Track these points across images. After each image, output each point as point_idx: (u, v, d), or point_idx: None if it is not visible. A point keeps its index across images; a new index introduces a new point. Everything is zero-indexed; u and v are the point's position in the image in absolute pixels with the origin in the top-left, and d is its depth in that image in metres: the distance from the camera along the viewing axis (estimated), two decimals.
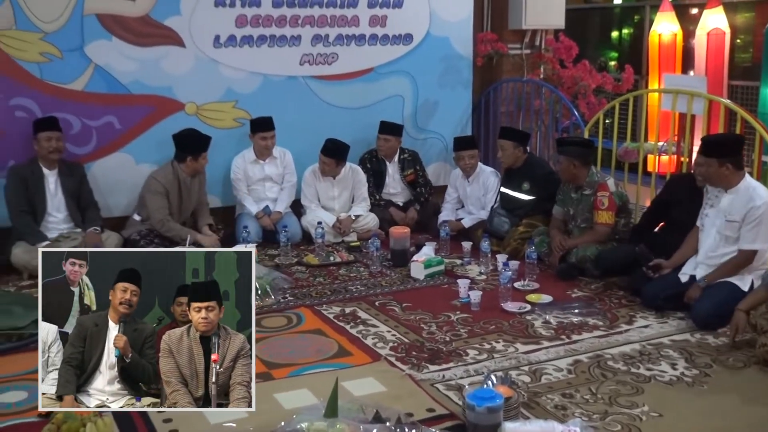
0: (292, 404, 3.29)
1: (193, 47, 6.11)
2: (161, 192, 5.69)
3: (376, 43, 6.80)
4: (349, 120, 6.72)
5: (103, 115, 5.93)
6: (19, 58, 5.59)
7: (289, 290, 4.92)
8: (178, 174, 5.77)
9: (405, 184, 6.74)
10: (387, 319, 4.45)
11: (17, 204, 5.37)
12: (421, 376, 3.64)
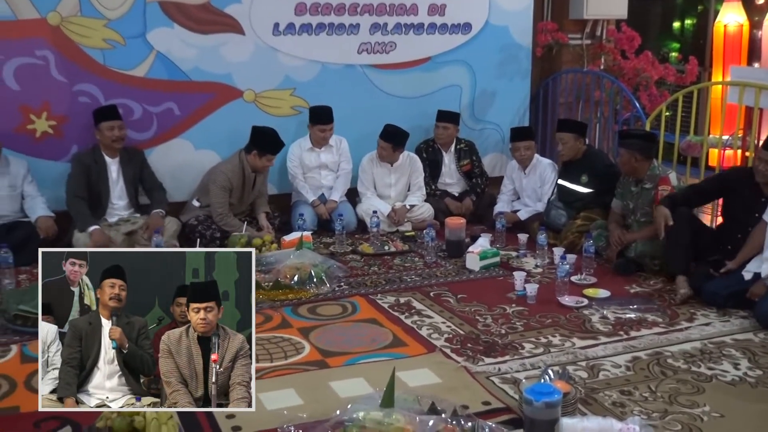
0: (347, 393, 3.29)
1: (252, 35, 6.14)
2: (226, 187, 5.75)
3: (434, 32, 6.76)
4: (406, 109, 6.70)
5: (164, 101, 6.00)
6: (83, 45, 5.68)
7: (344, 279, 4.93)
8: (243, 166, 5.82)
9: (461, 175, 6.71)
10: (442, 310, 4.43)
11: (74, 190, 5.48)
12: (476, 368, 3.61)
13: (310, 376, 3.52)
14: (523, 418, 2.91)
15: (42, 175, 5.64)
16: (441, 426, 2.73)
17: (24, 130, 5.65)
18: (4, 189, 5.38)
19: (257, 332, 3.97)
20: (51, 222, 5.42)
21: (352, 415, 2.75)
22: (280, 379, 3.48)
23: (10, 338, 3.97)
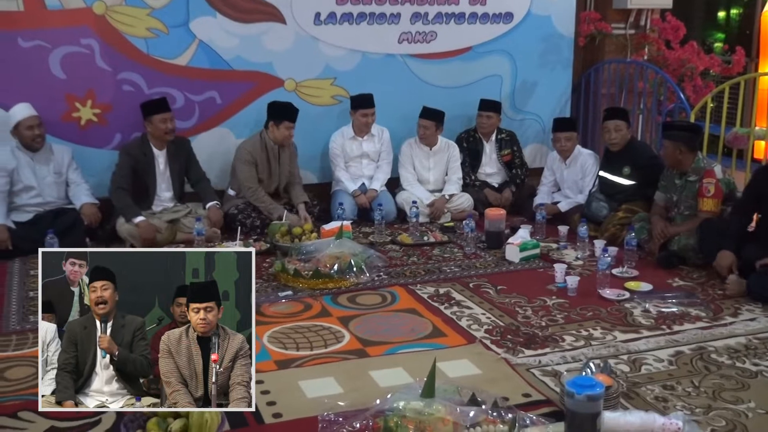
0: (387, 382, 3.30)
1: (293, 24, 6.16)
2: (249, 161, 5.81)
3: (475, 21, 6.72)
4: (446, 99, 6.66)
5: (206, 90, 6.05)
6: (127, 33, 5.74)
7: (383, 269, 4.93)
8: (265, 143, 5.87)
9: (501, 165, 6.67)
10: (481, 302, 4.42)
11: (119, 181, 5.53)
12: (516, 360, 3.60)
13: (350, 365, 3.53)
14: (565, 411, 2.88)
15: (86, 163, 5.72)
16: (481, 417, 2.72)
17: (69, 118, 5.73)
18: (50, 176, 5.46)
19: (297, 320, 4.07)
20: (95, 209, 5.50)
21: (393, 404, 2.76)
22: (320, 368, 3.50)
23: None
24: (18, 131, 5.32)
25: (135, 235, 5.36)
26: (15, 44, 5.48)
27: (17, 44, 5.48)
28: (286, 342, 3.79)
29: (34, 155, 5.40)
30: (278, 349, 3.71)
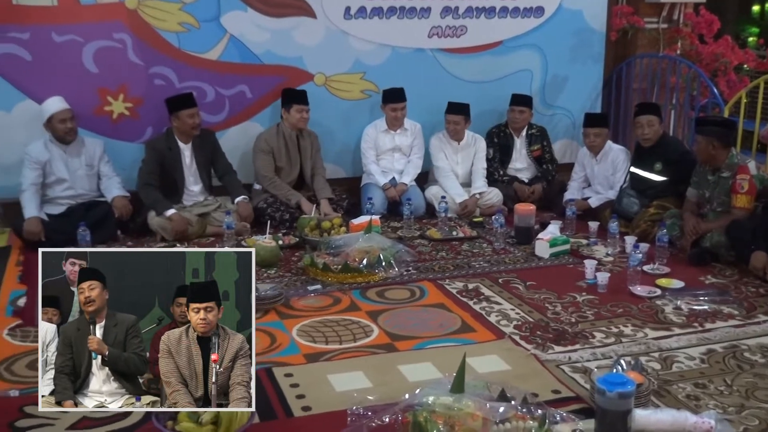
0: (415, 377, 3.29)
1: (324, 18, 6.17)
2: (266, 150, 5.89)
3: (506, 15, 6.69)
4: (476, 94, 6.65)
5: (236, 84, 6.08)
6: (159, 28, 5.79)
7: (412, 263, 4.92)
8: (283, 131, 5.93)
9: (531, 160, 6.64)
10: (510, 297, 4.40)
11: (146, 177, 5.59)
12: (546, 356, 3.58)
13: (379, 360, 3.53)
14: (595, 408, 2.87)
15: (118, 156, 5.78)
16: (511, 413, 2.71)
17: (102, 111, 5.79)
18: (82, 169, 5.52)
19: (326, 314, 4.07)
20: (126, 202, 5.55)
21: (422, 399, 2.75)
22: (349, 362, 3.50)
23: None
24: (51, 124, 5.39)
25: (166, 227, 5.40)
26: (49, 38, 5.55)
27: (51, 38, 5.55)
28: (315, 336, 3.80)
29: (66, 148, 5.46)
30: (307, 343, 3.72)
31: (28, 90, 5.59)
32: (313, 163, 6.12)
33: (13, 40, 5.49)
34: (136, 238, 5.55)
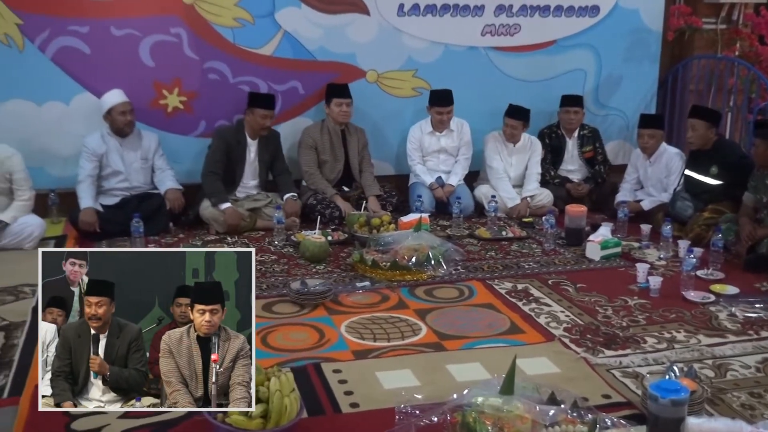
0: (463, 377, 3.28)
1: (377, 15, 6.18)
2: (310, 145, 5.95)
3: (560, 14, 6.62)
4: (529, 93, 6.60)
5: (289, 80, 6.12)
6: (214, 23, 5.85)
7: (460, 262, 4.91)
8: (327, 126, 5.96)
9: (583, 161, 6.57)
10: (560, 299, 4.35)
11: (212, 166, 5.65)
12: (596, 360, 3.53)
13: (427, 358, 3.52)
14: (647, 415, 2.82)
15: (172, 149, 5.86)
16: (561, 417, 2.68)
17: (157, 105, 5.88)
18: (137, 162, 5.61)
19: (374, 311, 4.08)
20: (179, 195, 5.62)
21: (471, 399, 2.74)
22: (397, 359, 3.50)
23: None
24: (110, 116, 5.48)
25: (219, 219, 5.47)
26: (108, 32, 5.65)
27: (110, 32, 5.65)
28: (363, 332, 3.81)
29: (123, 141, 5.55)
30: (355, 339, 3.73)
31: (86, 82, 5.70)
32: (361, 158, 6.14)
33: (73, 33, 5.59)
34: (188, 230, 5.62)
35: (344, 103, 5.94)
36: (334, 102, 5.93)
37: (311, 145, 5.97)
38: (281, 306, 4.15)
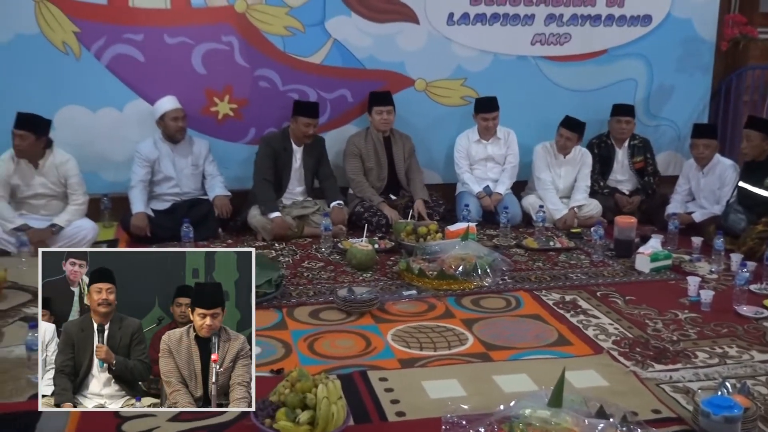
0: (510, 388, 3.26)
1: (426, 24, 6.19)
2: (354, 153, 6.01)
3: (612, 23, 6.56)
4: (578, 102, 6.56)
5: (338, 88, 6.17)
6: (265, 31, 5.92)
7: (507, 272, 4.88)
8: (371, 135, 6.01)
9: (633, 172, 6.49)
10: (609, 311, 4.30)
11: (264, 172, 5.70)
12: (646, 374, 3.48)
13: (474, 368, 3.51)
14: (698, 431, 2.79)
15: (221, 156, 5.94)
16: (610, 431, 2.65)
17: (207, 112, 5.96)
18: (188, 167, 5.69)
19: (421, 320, 4.07)
20: (226, 201, 5.69)
21: (518, 411, 2.72)
22: (444, 369, 3.49)
23: None
24: (163, 122, 5.58)
25: (267, 227, 5.51)
26: (161, 40, 5.75)
27: (163, 40, 5.76)
28: (410, 341, 3.81)
29: (174, 147, 5.64)
30: (402, 348, 3.73)
31: (139, 89, 5.81)
32: (407, 166, 6.15)
33: (128, 41, 5.71)
34: (236, 236, 5.68)
35: (385, 110, 5.96)
36: (374, 110, 5.96)
37: (356, 153, 6.01)
38: (328, 313, 4.17)
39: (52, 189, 5.25)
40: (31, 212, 5.26)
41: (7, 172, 5.14)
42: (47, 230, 5.11)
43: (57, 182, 5.24)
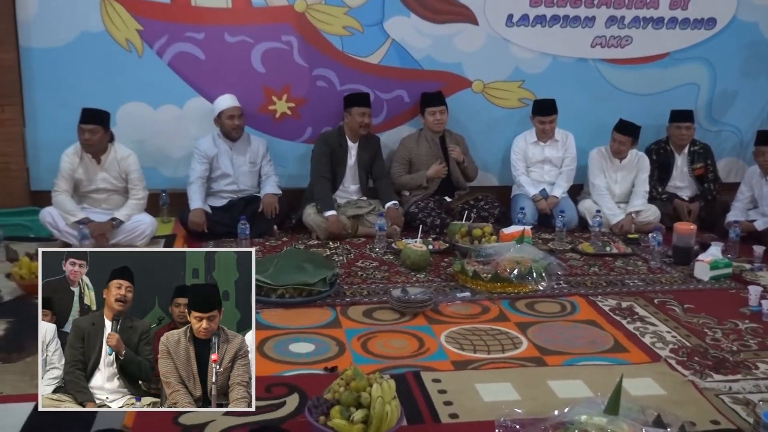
0: (565, 394, 3.22)
1: (485, 25, 6.17)
2: (405, 158, 6.06)
3: (674, 26, 6.45)
4: (637, 106, 6.47)
5: (395, 88, 6.18)
6: (324, 31, 5.96)
7: (563, 277, 4.83)
8: (425, 136, 6.03)
9: (692, 178, 6.37)
10: (666, 319, 4.23)
11: (322, 170, 5.74)
12: (704, 384, 3.41)
13: (528, 373, 3.48)
14: None
15: (277, 154, 6.01)
16: None
17: (265, 110, 6.03)
18: (245, 165, 5.76)
19: (474, 322, 4.06)
20: (274, 200, 5.72)
21: (574, 417, 2.69)
22: (497, 372, 3.47)
23: None
24: (220, 120, 5.65)
25: (322, 226, 5.55)
26: (222, 39, 5.83)
27: (224, 39, 5.83)
28: (463, 343, 3.79)
29: (233, 145, 5.71)
30: (455, 350, 3.71)
31: (199, 87, 5.89)
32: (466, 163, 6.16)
33: (189, 39, 5.80)
34: (290, 234, 5.73)
35: (437, 110, 5.95)
36: (427, 111, 5.96)
37: (405, 158, 6.05)
38: (381, 313, 4.17)
39: (114, 184, 5.36)
40: (92, 206, 5.37)
41: (72, 167, 5.25)
42: (108, 224, 5.22)
43: (118, 177, 5.34)
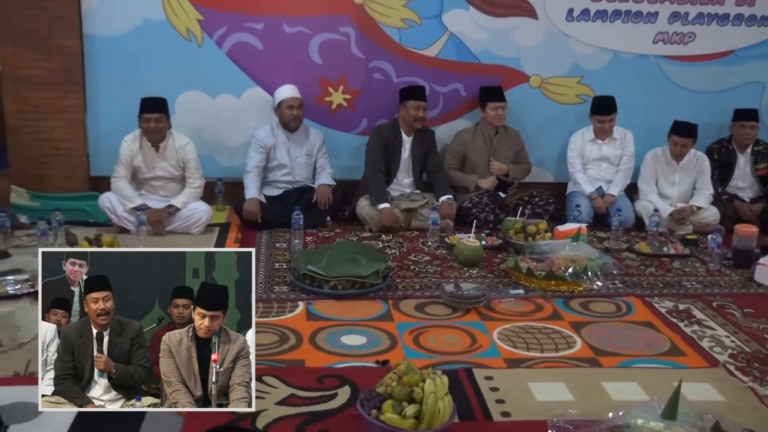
0: (620, 396, 3.17)
1: (545, 19, 6.09)
2: (459, 151, 6.05)
3: (740, 23, 6.30)
4: (699, 104, 6.34)
5: (451, 81, 6.14)
6: (382, 23, 5.95)
7: (618, 276, 4.75)
8: (482, 130, 5.99)
9: (755, 179, 6.21)
10: (725, 323, 4.13)
11: (375, 162, 5.74)
12: (764, 391, 3.32)
13: (582, 373, 3.43)
14: None
15: (332, 145, 6.02)
16: None
17: (321, 101, 6.04)
18: (302, 156, 5.78)
19: (528, 320, 4.03)
20: (328, 191, 5.72)
21: (629, 420, 2.64)
22: (550, 371, 3.43)
23: (299, 295, 4.26)
24: (280, 109, 5.69)
25: (375, 219, 5.55)
26: (281, 29, 5.86)
27: (282, 30, 5.86)
28: (516, 341, 3.76)
29: (290, 135, 5.74)
30: (508, 347, 3.68)
31: (257, 77, 5.93)
32: (519, 161, 6.13)
33: (248, 29, 5.84)
34: (343, 226, 5.74)
35: (500, 106, 5.91)
36: (489, 105, 5.91)
37: (460, 152, 6.03)
38: (434, 307, 4.16)
39: (171, 172, 5.43)
40: (150, 192, 5.45)
41: (131, 153, 5.34)
42: (164, 210, 5.29)
43: (176, 165, 5.41)
